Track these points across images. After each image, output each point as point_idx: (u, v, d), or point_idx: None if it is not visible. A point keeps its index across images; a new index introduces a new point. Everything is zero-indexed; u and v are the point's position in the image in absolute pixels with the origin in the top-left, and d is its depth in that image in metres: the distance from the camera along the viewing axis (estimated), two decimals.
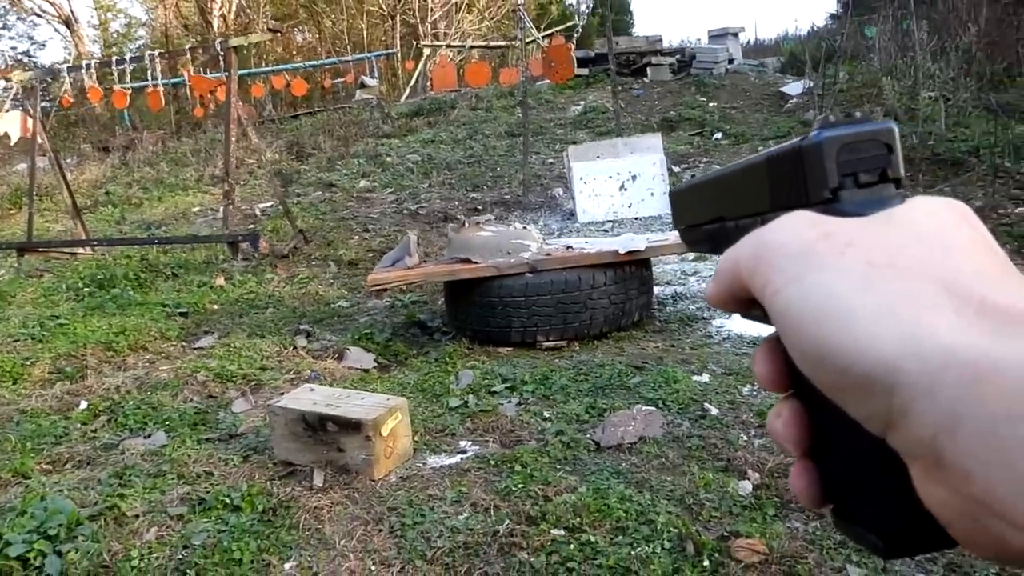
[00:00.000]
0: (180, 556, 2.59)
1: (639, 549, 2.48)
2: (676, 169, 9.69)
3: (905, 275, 0.30)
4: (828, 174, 0.34)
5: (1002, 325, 0.28)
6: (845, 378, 0.30)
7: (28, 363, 4.69)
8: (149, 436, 3.65)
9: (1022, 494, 0.25)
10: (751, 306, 0.36)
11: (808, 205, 0.35)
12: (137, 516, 2.85)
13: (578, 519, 2.63)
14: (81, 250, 8.57)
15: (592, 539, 2.53)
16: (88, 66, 8.96)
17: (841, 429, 0.33)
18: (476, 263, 4.59)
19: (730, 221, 0.43)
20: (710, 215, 0.46)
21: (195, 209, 10.98)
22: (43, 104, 9.34)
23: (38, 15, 27.47)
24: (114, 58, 9.11)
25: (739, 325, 4.82)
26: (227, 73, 7.89)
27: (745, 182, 0.41)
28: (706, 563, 2.41)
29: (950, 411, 0.27)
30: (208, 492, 2.98)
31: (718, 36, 17.89)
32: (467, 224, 4.93)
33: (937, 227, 0.32)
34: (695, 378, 3.86)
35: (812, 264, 0.32)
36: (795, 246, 0.33)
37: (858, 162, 0.34)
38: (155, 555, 2.60)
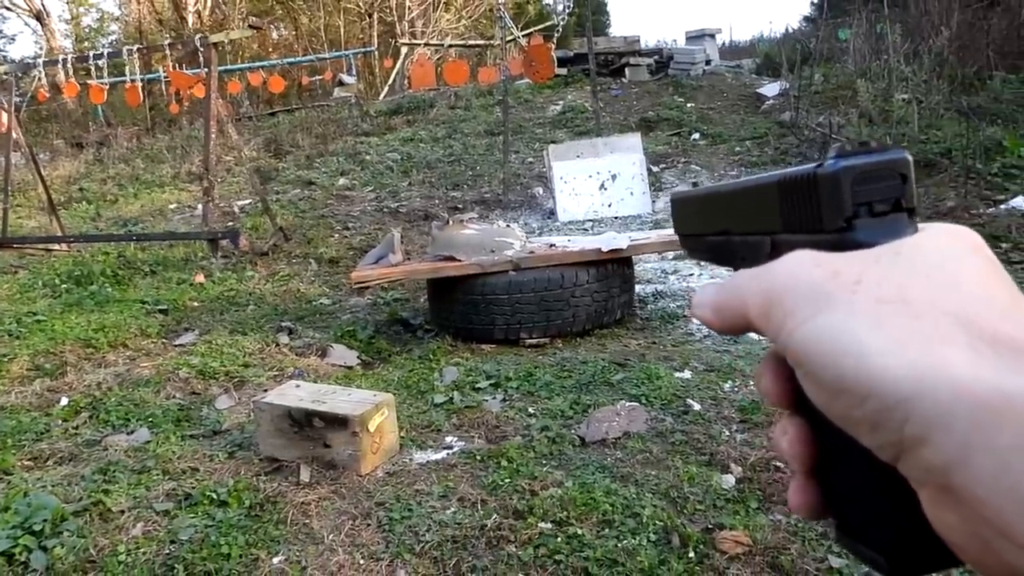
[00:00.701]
0: (168, 551, 2.59)
1: (625, 542, 2.51)
2: (655, 169, 9.76)
3: (915, 310, 0.31)
4: (844, 203, 0.34)
5: (1013, 357, 0.29)
6: (859, 412, 0.31)
7: (5, 359, 4.63)
8: (132, 432, 3.63)
9: None
10: (744, 332, 0.38)
11: (822, 231, 0.35)
12: (123, 512, 2.84)
13: (565, 513, 2.66)
14: (57, 246, 8.48)
15: (579, 532, 2.56)
16: (64, 60, 8.86)
17: (849, 452, 0.34)
18: (460, 261, 4.61)
19: (737, 236, 0.44)
20: (715, 227, 0.46)
21: (172, 206, 10.89)
22: (15, 99, 9.20)
23: (8, 8, 27.12)
24: (91, 52, 9.01)
25: None
26: (207, 69, 7.84)
27: (755, 200, 0.41)
28: (691, 555, 2.46)
29: (963, 443, 0.27)
30: (194, 488, 2.98)
31: (695, 37, 18.03)
32: (451, 222, 4.94)
33: (946, 259, 0.33)
34: (677, 374, 3.91)
35: (824, 304, 0.32)
36: (805, 287, 0.33)
37: (873, 191, 0.35)
38: (142, 550, 2.60)
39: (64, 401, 4.03)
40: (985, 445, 0.27)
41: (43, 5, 26.19)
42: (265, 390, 3.74)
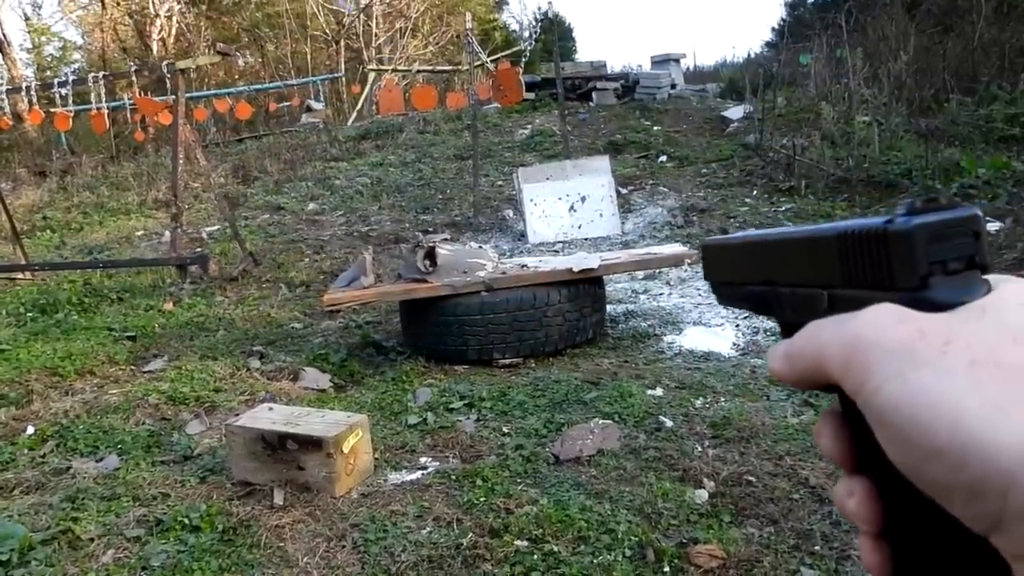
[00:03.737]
0: None
1: (601, 558, 2.53)
2: (624, 191, 9.86)
3: (1010, 374, 0.30)
4: (918, 262, 0.34)
5: None
6: (954, 480, 0.29)
7: None
8: (101, 460, 3.58)
9: None
10: (821, 387, 0.36)
11: (892, 289, 0.34)
12: (92, 539, 2.80)
13: (540, 530, 2.67)
14: (21, 275, 8.35)
15: (555, 549, 2.57)
16: (28, 88, 8.78)
17: (930, 519, 0.32)
18: (432, 282, 4.62)
19: (784, 287, 0.43)
20: (757, 277, 0.45)
21: (139, 233, 10.78)
22: None
23: None
24: (55, 80, 8.94)
25: (690, 341, 4.94)
26: (174, 96, 7.81)
27: (807, 252, 0.40)
28: (666, 569, 2.47)
29: None
30: (165, 513, 2.95)
31: (660, 62, 18.24)
32: (422, 243, 4.95)
33: None
34: (649, 392, 3.94)
35: (912, 363, 0.31)
36: (890, 343, 0.32)
37: (947, 250, 0.34)
38: None
39: (30, 430, 3.96)
40: None
41: (3, 34, 25.88)
42: (237, 414, 3.71)
